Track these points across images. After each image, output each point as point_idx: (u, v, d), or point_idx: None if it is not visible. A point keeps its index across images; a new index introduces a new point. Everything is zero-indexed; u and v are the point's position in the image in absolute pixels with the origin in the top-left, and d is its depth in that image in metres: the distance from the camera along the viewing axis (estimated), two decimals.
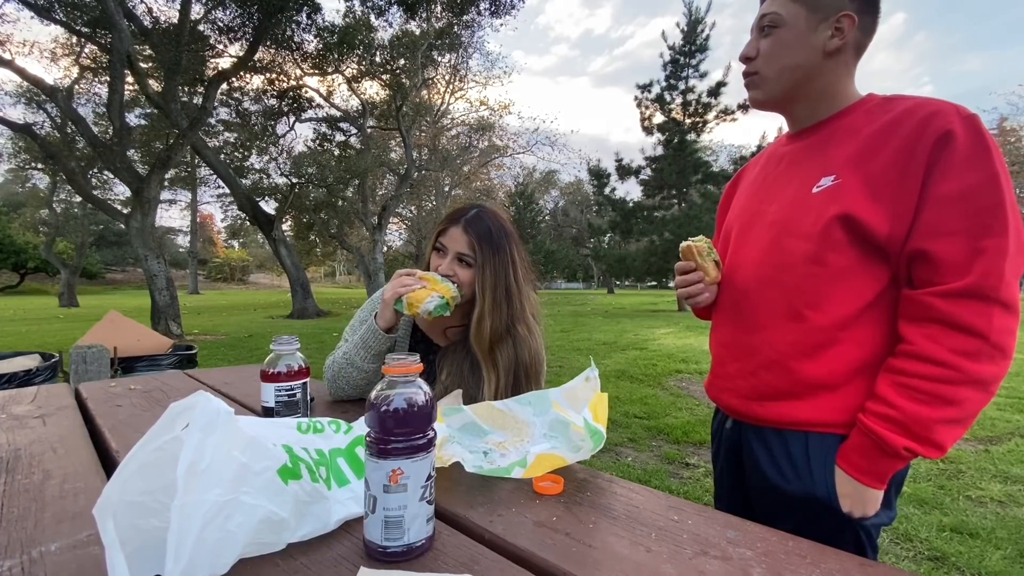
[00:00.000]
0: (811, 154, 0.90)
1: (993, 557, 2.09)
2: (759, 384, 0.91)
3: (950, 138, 0.73)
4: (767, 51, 0.89)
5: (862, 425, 0.79)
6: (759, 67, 0.91)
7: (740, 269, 0.97)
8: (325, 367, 1.25)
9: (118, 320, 3.59)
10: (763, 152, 1.10)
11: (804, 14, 0.85)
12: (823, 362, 0.84)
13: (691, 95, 16.72)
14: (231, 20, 11.53)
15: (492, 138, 26.38)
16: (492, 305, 1.14)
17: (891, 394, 0.76)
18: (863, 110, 0.87)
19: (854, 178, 0.80)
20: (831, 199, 0.82)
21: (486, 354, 1.16)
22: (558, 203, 46.60)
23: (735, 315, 0.97)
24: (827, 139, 0.89)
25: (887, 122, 0.80)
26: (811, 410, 0.85)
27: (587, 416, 0.83)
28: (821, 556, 0.59)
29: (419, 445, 0.57)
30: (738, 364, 0.95)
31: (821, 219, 0.82)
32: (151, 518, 0.50)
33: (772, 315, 0.89)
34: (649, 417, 4.13)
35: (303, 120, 17.16)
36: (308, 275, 17.77)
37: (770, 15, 0.88)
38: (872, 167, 0.79)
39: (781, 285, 0.88)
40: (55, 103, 10.28)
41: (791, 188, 0.90)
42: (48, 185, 23.65)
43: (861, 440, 0.79)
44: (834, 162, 0.84)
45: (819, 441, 0.84)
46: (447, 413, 0.92)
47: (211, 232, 57.49)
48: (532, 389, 1.18)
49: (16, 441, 0.95)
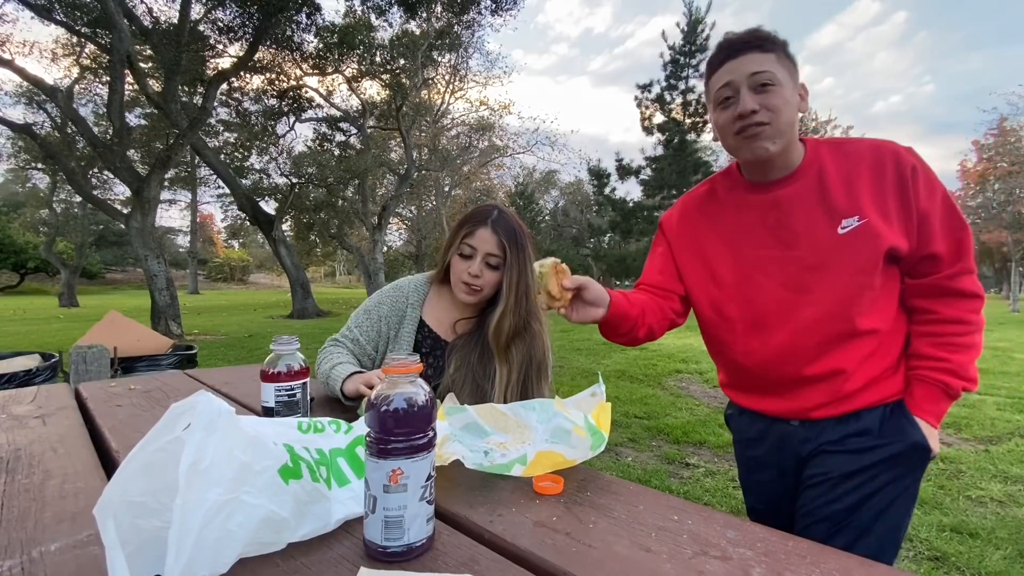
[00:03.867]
0: (805, 201, 1.02)
1: (993, 557, 2.09)
2: (841, 394, 1.02)
3: (916, 170, 0.97)
4: (775, 104, 0.97)
5: (927, 379, 1.00)
6: (770, 119, 0.97)
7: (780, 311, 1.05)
8: (319, 357, 1.30)
9: (118, 320, 3.59)
10: (707, 192, 1.18)
11: (788, 77, 0.99)
12: (886, 354, 1.03)
13: (691, 95, 16.70)
14: (231, 20, 11.53)
15: (492, 138, 26.35)
16: (515, 303, 1.17)
17: (938, 351, 0.99)
18: (824, 157, 1.03)
19: (876, 216, 0.97)
20: (868, 236, 0.97)
21: (502, 350, 1.18)
22: (558, 203, 46.56)
23: (794, 351, 1.05)
24: (814, 186, 1.02)
25: (870, 165, 0.99)
26: (879, 392, 1.03)
27: (590, 419, 0.83)
28: (821, 556, 0.59)
29: (419, 445, 0.57)
30: (811, 389, 1.04)
31: (871, 255, 0.97)
32: (152, 518, 0.50)
33: (840, 340, 1.01)
34: (649, 417, 4.13)
35: (303, 120, 17.17)
36: (308, 275, 17.78)
37: (766, 73, 0.97)
38: (883, 204, 0.98)
39: (844, 315, 1.00)
40: (55, 103, 10.27)
41: (811, 233, 1.01)
42: (48, 185, 23.63)
43: (929, 391, 1.00)
44: (844, 204, 0.99)
45: (891, 408, 1.03)
46: (449, 412, 0.92)
47: (211, 232, 57.45)
48: (541, 384, 1.21)
49: (16, 441, 0.95)
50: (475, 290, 1.19)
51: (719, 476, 2.95)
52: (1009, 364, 6.82)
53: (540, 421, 0.91)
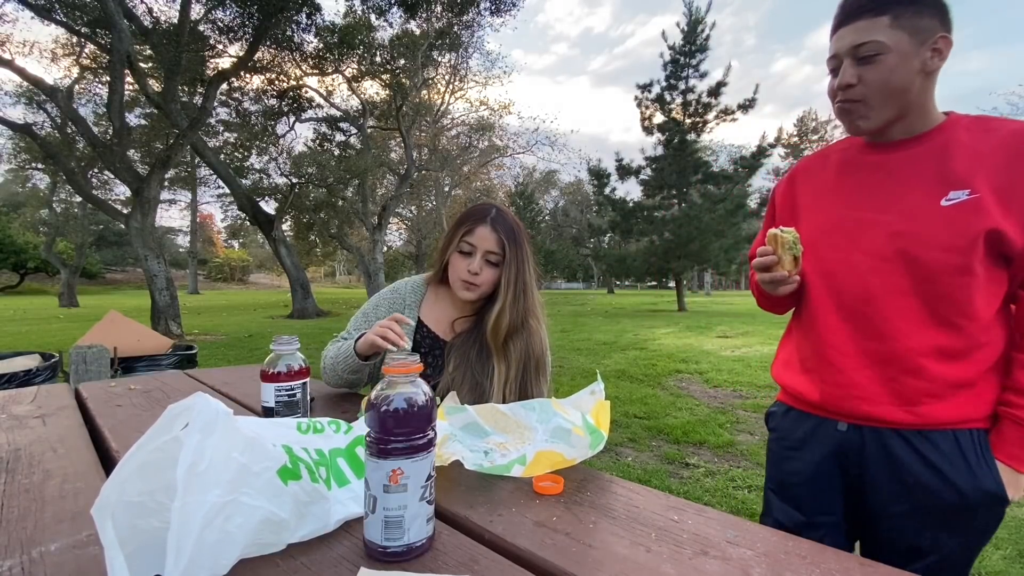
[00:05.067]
0: (919, 166, 0.93)
1: (993, 557, 2.09)
2: (901, 389, 0.92)
3: None
4: (873, 78, 0.91)
5: (1020, 419, 0.86)
6: (863, 95, 0.92)
7: (852, 276, 0.97)
8: (323, 354, 1.32)
9: (118, 320, 3.59)
10: (825, 156, 1.10)
11: (907, 39, 0.89)
12: (969, 364, 0.90)
13: (691, 95, 16.71)
14: (231, 20, 11.52)
15: (492, 138, 26.36)
16: (512, 300, 1.18)
17: None
18: (961, 128, 0.92)
19: (990, 194, 0.86)
20: (973, 212, 0.86)
21: (500, 347, 1.19)
22: (558, 203, 46.61)
23: (857, 323, 0.96)
24: (936, 153, 0.92)
25: (1011, 144, 0.87)
26: (954, 409, 0.90)
27: (588, 419, 0.83)
28: (821, 556, 0.59)
29: (419, 445, 0.57)
30: (870, 371, 0.95)
31: (968, 232, 0.86)
32: (150, 518, 0.50)
33: (912, 322, 0.91)
34: (649, 417, 4.13)
35: (303, 120, 17.16)
36: (308, 275, 17.76)
37: (870, 43, 0.90)
38: (1009, 186, 0.86)
39: (922, 294, 0.90)
40: (55, 103, 10.27)
41: (910, 199, 0.92)
42: (48, 185, 23.61)
43: (1020, 432, 0.87)
44: (960, 176, 0.88)
45: (968, 437, 0.90)
46: (450, 412, 0.92)
47: (211, 232, 57.47)
48: (539, 381, 1.21)
49: (16, 441, 0.95)
50: (475, 287, 1.20)
51: (719, 476, 2.95)
52: None
53: (540, 421, 0.91)
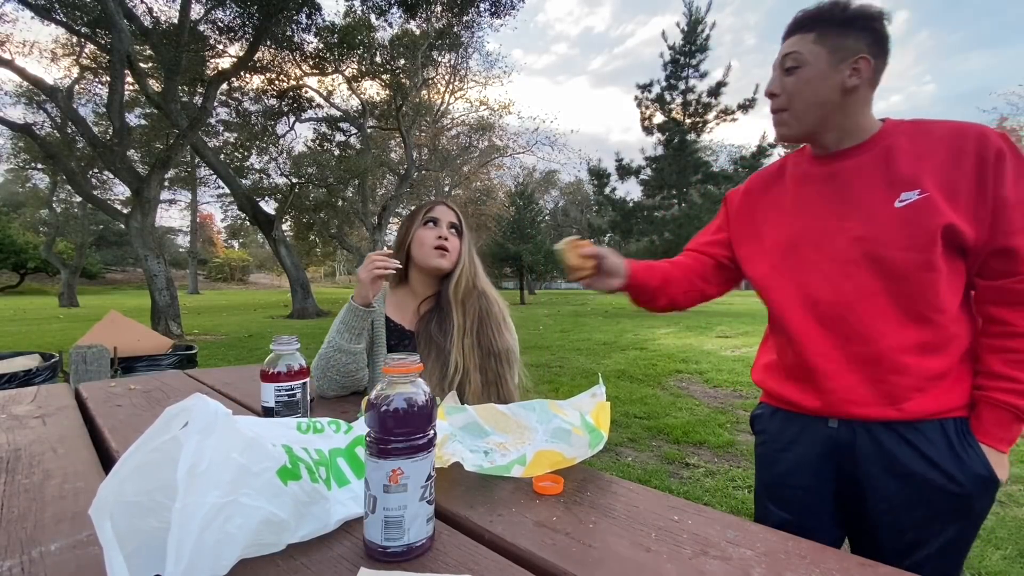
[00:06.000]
0: (867, 173, 0.97)
1: (993, 557, 2.09)
2: (888, 388, 0.95)
3: (1002, 154, 0.88)
4: (792, 89, 0.98)
5: (997, 401, 0.90)
6: (785, 104, 0.99)
7: (826, 284, 1.00)
8: (312, 367, 1.27)
9: (118, 320, 3.59)
10: (779, 170, 1.14)
11: (826, 55, 0.94)
12: (945, 355, 0.94)
13: (691, 95, 16.72)
14: (231, 20, 11.53)
15: (492, 138, 26.37)
16: (469, 262, 1.41)
17: (1012, 371, 0.90)
18: (900, 132, 0.96)
19: (940, 192, 0.90)
20: (926, 211, 0.90)
21: (458, 302, 1.36)
22: (558, 203, 46.60)
23: (838, 329, 0.99)
24: (880, 158, 0.96)
25: (948, 143, 0.92)
26: (937, 400, 0.94)
27: (587, 419, 0.83)
28: (821, 556, 0.59)
29: (419, 445, 0.57)
30: (856, 374, 0.98)
31: (925, 230, 0.90)
32: (149, 518, 0.50)
33: (889, 322, 0.95)
34: (649, 417, 4.13)
35: (303, 120, 17.17)
36: (308, 275, 17.77)
37: (793, 54, 0.97)
38: (953, 183, 0.90)
39: (894, 294, 0.94)
40: (55, 103, 10.28)
41: (866, 204, 0.96)
42: (48, 185, 23.61)
43: (998, 414, 0.90)
44: (908, 178, 0.93)
45: (953, 425, 0.93)
46: (449, 412, 0.92)
47: (211, 232, 57.45)
48: (502, 337, 1.34)
49: (16, 441, 0.95)
50: (448, 252, 1.36)
51: (719, 476, 2.95)
52: None
53: (540, 422, 0.91)
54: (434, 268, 1.36)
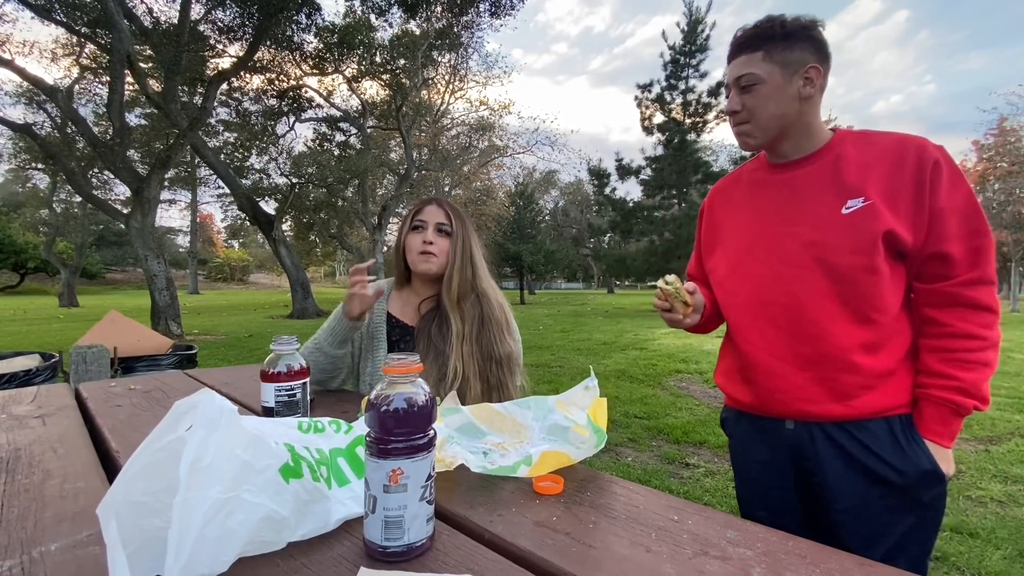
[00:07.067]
0: (817, 180, 1.03)
1: (993, 557, 2.09)
2: (837, 386, 0.99)
3: (938, 166, 0.94)
4: (752, 105, 1.04)
5: (936, 398, 0.95)
6: (747, 118, 1.05)
7: (778, 286, 1.05)
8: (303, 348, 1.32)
9: (118, 320, 3.60)
10: (737, 178, 1.22)
11: (778, 70, 1.00)
12: (888, 353, 0.99)
13: (691, 95, 16.72)
14: (231, 20, 11.53)
15: (492, 138, 26.38)
16: (461, 264, 1.34)
17: (949, 369, 0.95)
18: (848, 143, 1.03)
19: (882, 200, 0.96)
20: (869, 217, 0.96)
21: (455, 305, 1.33)
22: (558, 203, 46.58)
23: (789, 329, 1.03)
24: (829, 168, 1.02)
25: (891, 154, 0.98)
26: (883, 398, 0.98)
27: (589, 418, 0.83)
28: (821, 556, 0.59)
29: (419, 445, 0.57)
30: (807, 373, 1.02)
31: (868, 235, 0.95)
32: (154, 518, 0.50)
33: (837, 322, 0.99)
34: (649, 417, 4.13)
35: (303, 120, 17.18)
36: (308, 275, 17.77)
37: (747, 75, 1.02)
38: (894, 192, 0.96)
39: (841, 295, 0.99)
40: (55, 103, 10.27)
41: (815, 211, 1.02)
42: (48, 185, 23.62)
43: (938, 411, 0.95)
44: (854, 186, 0.98)
45: (898, 422, 0.98)
46: (445, 413, 0.92)
47: (211, 232, 57.45)
48: (504, 341, 1.31)
49: (16, 441, 0.95)
50: (432, 256, 1.33)
51: (719, 476, 2.95)
52: (1009, 364, 6.83)
53: (536, 419, 0.91)
54: (422, 273, 1.36)
